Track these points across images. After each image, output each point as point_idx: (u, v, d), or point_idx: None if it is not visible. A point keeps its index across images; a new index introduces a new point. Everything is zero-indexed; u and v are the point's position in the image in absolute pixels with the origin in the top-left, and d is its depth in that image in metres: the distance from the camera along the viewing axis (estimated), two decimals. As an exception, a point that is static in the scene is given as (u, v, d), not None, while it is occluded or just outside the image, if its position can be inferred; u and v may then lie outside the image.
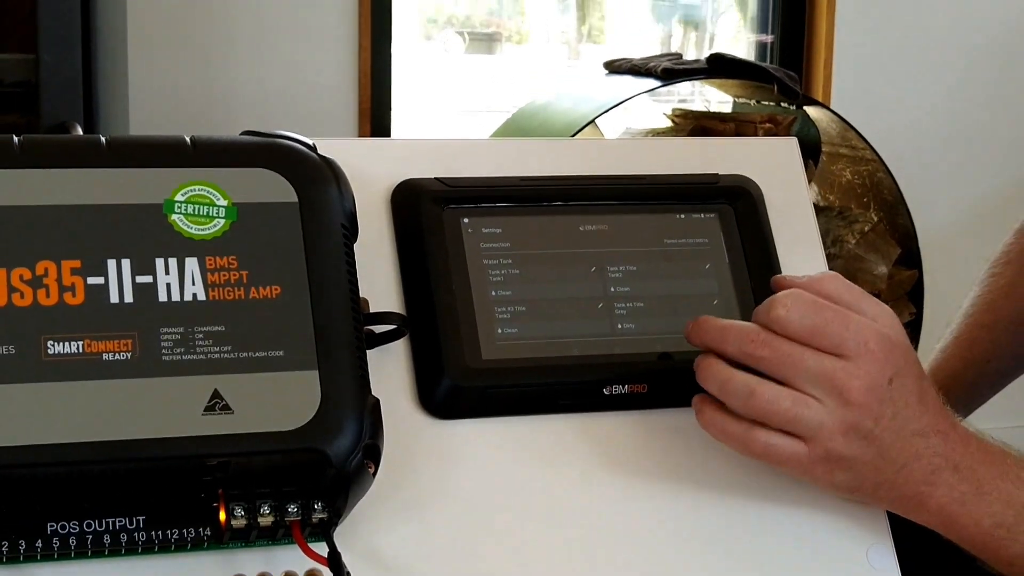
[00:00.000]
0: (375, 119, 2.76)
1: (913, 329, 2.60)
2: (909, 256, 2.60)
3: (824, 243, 0.93)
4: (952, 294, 3.22)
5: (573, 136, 2.26)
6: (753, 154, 0.90)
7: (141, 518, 0.68)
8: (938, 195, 3.06)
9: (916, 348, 2.18)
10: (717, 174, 0.88)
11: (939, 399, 0.79)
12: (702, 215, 0.87)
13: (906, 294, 2.60)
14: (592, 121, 2.33)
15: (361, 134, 2.72)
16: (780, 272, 0.86)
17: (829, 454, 0.76)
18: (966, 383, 1.20)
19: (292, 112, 2.65)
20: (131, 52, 2.31)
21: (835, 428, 0.75)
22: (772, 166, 0.90)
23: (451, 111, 3.61)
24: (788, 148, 0.92)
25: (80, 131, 1.82)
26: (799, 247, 0.89)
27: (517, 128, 2.59)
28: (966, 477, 0.77)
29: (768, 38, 3.21)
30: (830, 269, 0.89)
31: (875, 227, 2.56)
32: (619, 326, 0.83)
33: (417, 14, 3.55)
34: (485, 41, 3.66)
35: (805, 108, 2.57)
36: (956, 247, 3.07)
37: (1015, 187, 3.11)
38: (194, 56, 2.60)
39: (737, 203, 0.88)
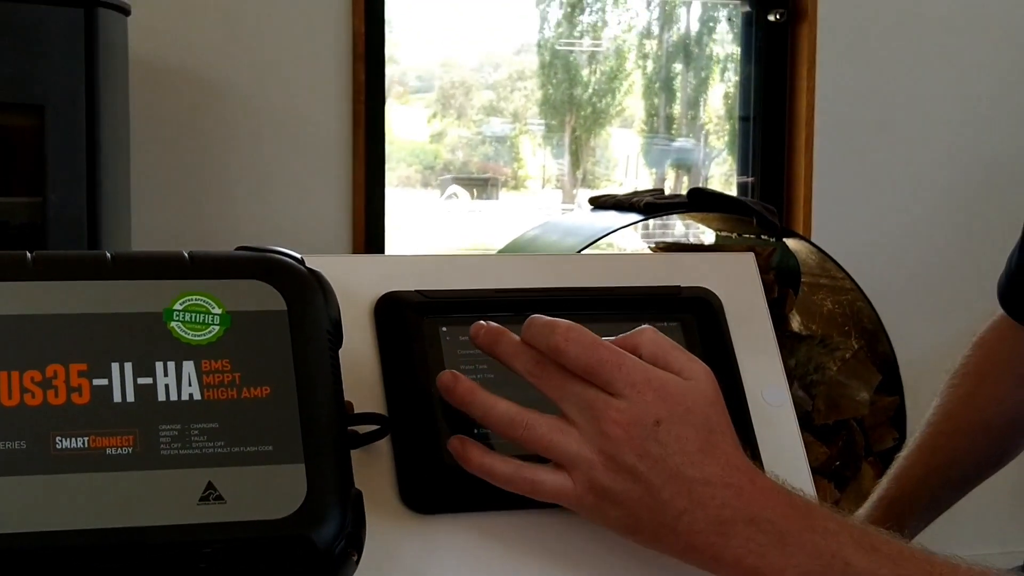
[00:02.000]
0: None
1: (896, 453, 2.64)
2: (890, 382, 2.66)
3: (806, 370, 0.99)
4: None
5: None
6: (713, 268, 0.97)
7: (140, 602, 0.73)
8: (917, 322, 3.13)
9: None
10: (679, 286, 0.95)
11: (740, 455, 0.78)
12: (666, 324, 0.93)
13: (888, 419, 2.65)
14: (578, 253, 2.41)
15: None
16: (741, 378, 0.92)
17: (593, 485, 0.76)
18: (930, 489, 1.25)
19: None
20: (134, 194, 2.40)
21: (594, 458, 0.76)
22: (731, 279, 0.97)
23: (447, 253, 3.69)
24: (746, 262, 0.98)
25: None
26: (758, 355, 0.95)
27: (506, 260, 2.66)
28: (765, 529, 0.75)
29: (749, 179, 3.32)
30: (813, 395, 0.94)
31: (856, 354, 2.62)
32: (588, 426, 0.88)
33: (415, 161, 3.66)
34: (481, 186, 3.76)
35: (785, 240, 2.65)
36: (936, 373, 3.12)
37: (991, 315, 3.18)
38: (194, 198, 2.70)
39: (699, 313, 0.94)
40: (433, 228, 3.65)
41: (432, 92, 3.67)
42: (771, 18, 3.17)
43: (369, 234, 2.85)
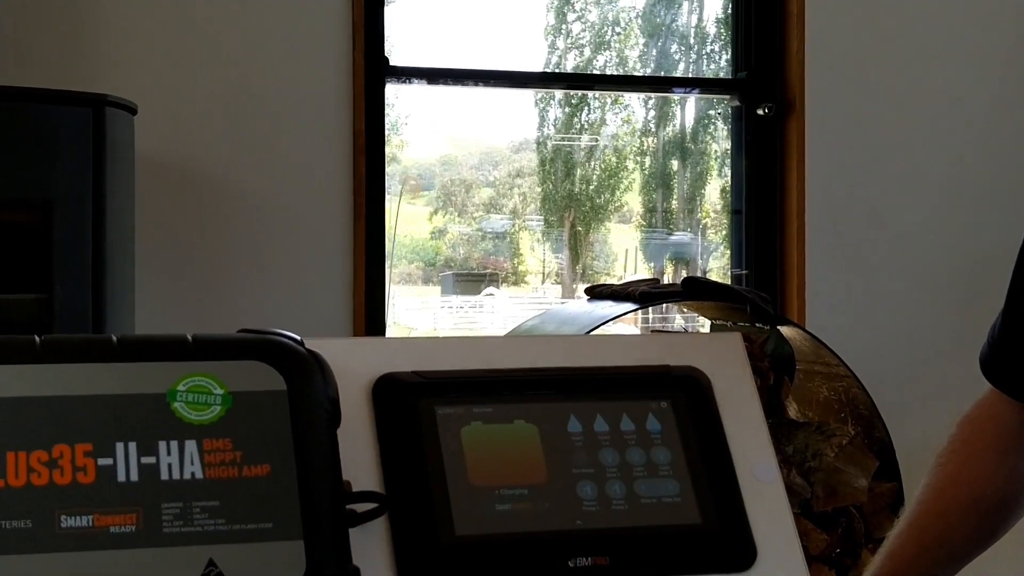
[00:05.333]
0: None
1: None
2: (888, 468, 2.66)
3: (804, 457, 1.01)
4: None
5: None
6: (701, 347, 1.00)
7: None
8: (912, 408, 3.14)
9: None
10: (669, 365, 0.97)
11: None
12: (657, 403, 0.96)
13: (888, 506, 2.65)
14: (575, 344, 2.43)
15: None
16: (731, 455, 0.94)
17: None
18: (921, 568, 1.25)
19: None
20: (138, 287, 2.43)
21: None
22: (718, 358, 0.99)
23: (442, 335, 3.72)
24: (733, 342, 1.01)
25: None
26: (746, 431, 0.97)
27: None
28: None
29: (743, 272, 3.35)
30: (811, 482, 0.96)
31: (853, 440, 2.63)
32: (582, 503, 0.90)
33: (415, 258, 3.71)
34: (482, 281, 3.78)
35: (779, 328, 2.67)
36: (933, 458, 3.13)
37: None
38: (197, 291, 2.73)
39: (688, 392, 0.96)
40: (435, 323, 3.68)
41: (433, 190, 3.72)
42: (760, 112, 3.22)
43: (369, 328, 2.87)
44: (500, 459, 0.91)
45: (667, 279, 3.71)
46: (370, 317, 2.88)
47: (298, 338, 0.85)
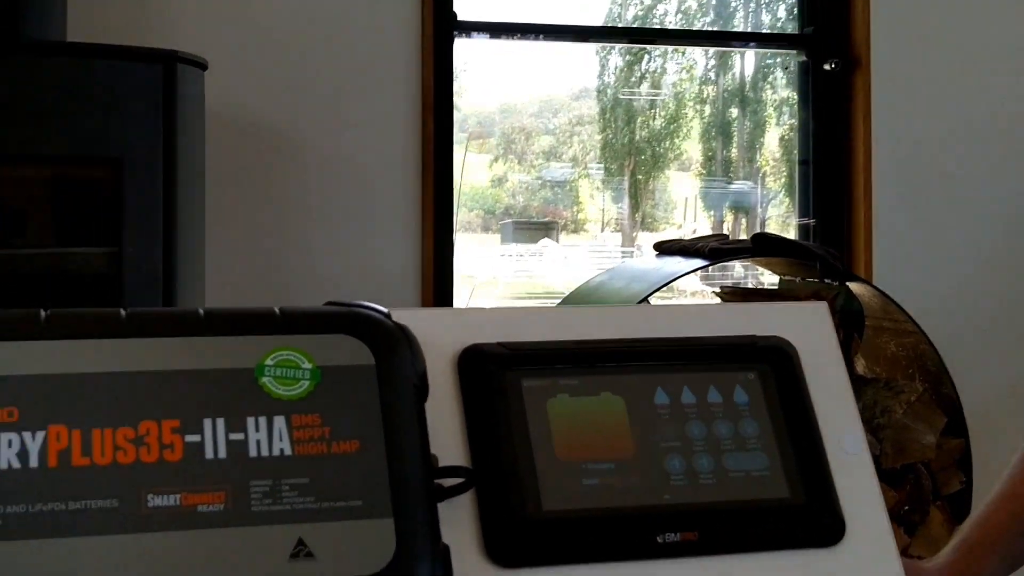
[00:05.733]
0: (438, 304, 2.86)
1: (964, 497, 2.61)
2: (955, 425, 2.63)
3: (872, 413, 0.99)
4: (1000, 461, 3.23)
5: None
6: (787, 317, 0.97)
7: (231, 660, 0.74)
8: (979, 364, 3.10)
9: (967, 516, 2.20)
10: (755, 335, 0.95)
11: None
12: (744, 374, 0.94)
13: (955, 462, 2.62)
14: (645, 299, 2.41)
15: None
16: (818, 427, 0.92)
17: None
18: (1012, 535, 1.24)
19: (359, 299, 2.75)
20: (209, 245, 2.43)
21: None
22: (805, 328, 0.97)
23: (511, 297, 3.72)
24: (819, 311, 0.99)
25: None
26: (834, 402, 0.95)
27: (575, 304, 2.67)
28: None
29: (810, 221, 3.31)
30: (880, 439, 0.94)
31: (921, 397, 2.60)
32: (670, 477, 0.89)
33: (475, 206, 3.69)
34: (542, 230, 3.77)
35: (848, 284, 2.64)
36: (1001, 415, 3.10)
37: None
38: (266, 246, 2.73)
39: (776, 363, 0.94)
40: (495, 272, 3.67)
41: (493, 138, 3.69)
42: (826, 67, 3.17)
43: (437, 279, 2.87)
44: (587, 432, 0.89)
45: (727, 227, 3.68)
46: (438, 269, 2.87)
47: (385, 311, 0.84)
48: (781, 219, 3.69)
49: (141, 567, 0.71)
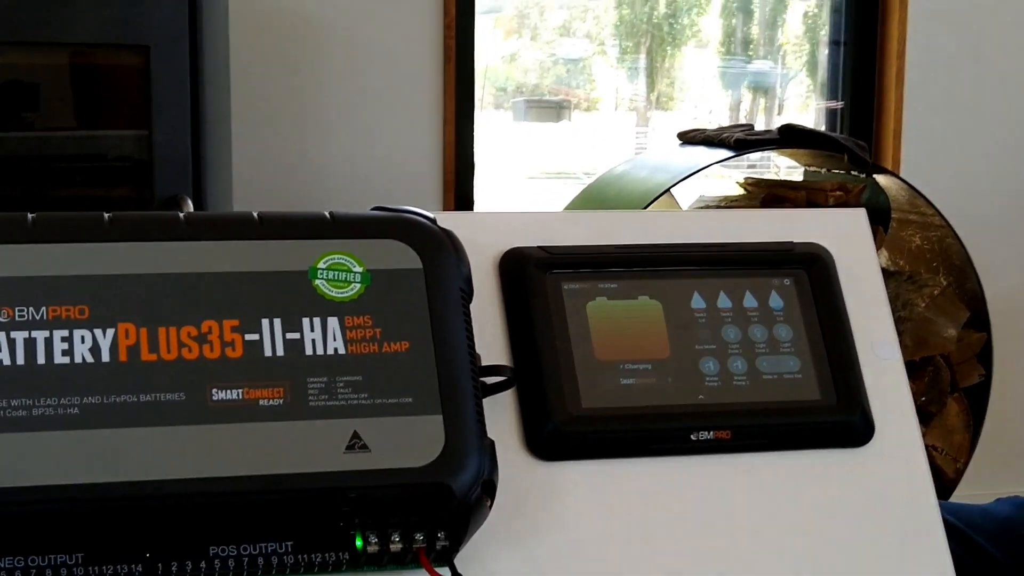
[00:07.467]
0: (458, 188, 2.88)
1: (982, 390, 2.65)
2: (978, 319, 2.66)
3: (894, 307, 1.01)
4: (1021, 356, 3.27)
5: (649, 204, 2.36)
6: (824, 224, 1.00)
7: (289, 543, 0.78)
8: (1006, 259, 3.12)
9: (986, 408, 2.27)
10: (792, 242, 0.97)
11: None
12: (780, 280, 0.96)
13: (975, 356, 2.66)
14: (668, 190, 2.43)
15: (445, 202, 2.84)
16: (852, 332, 0.95)
17: None
18: None
19: (381, 183, 2.78)
20: (235, 130, 2.46)
21: None
22: (842, 235, 0.99)
23: (524, 177, 3.70)
24: (857, 218, 1.01)
25: (191, 205, 1.95)
26: (869, 309, 0.98)
27: (597, 194, 2.69)
28: None
29: (838, 104, 3.29)
30: (900, 331, 0.97)
31: (944, 291, 2.62)
32: (705, 378, 0.92)
33: (486, 83, 3.64)
34: (554, 109, 3.74)
35: (874, 176, 2.65)
36: (1024, 310, 3.12)
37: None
38: (291, 130, 2.75)
39: (811, 269, 0.97)
40: (509, 152, 3.63)
41: (504, 12, 3.63)
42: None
43: (459, 162, 2.89)
44: (625, 334, 0.92)
45: (743, 108, 3.65)
46: (460, 153, 2.89)
47: (431, 216, 0.86)
48: (801, 99, 3.65)
49: (208, 457, 0.75)
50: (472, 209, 2.88)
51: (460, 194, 2.86)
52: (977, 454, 2.69)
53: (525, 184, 3.66)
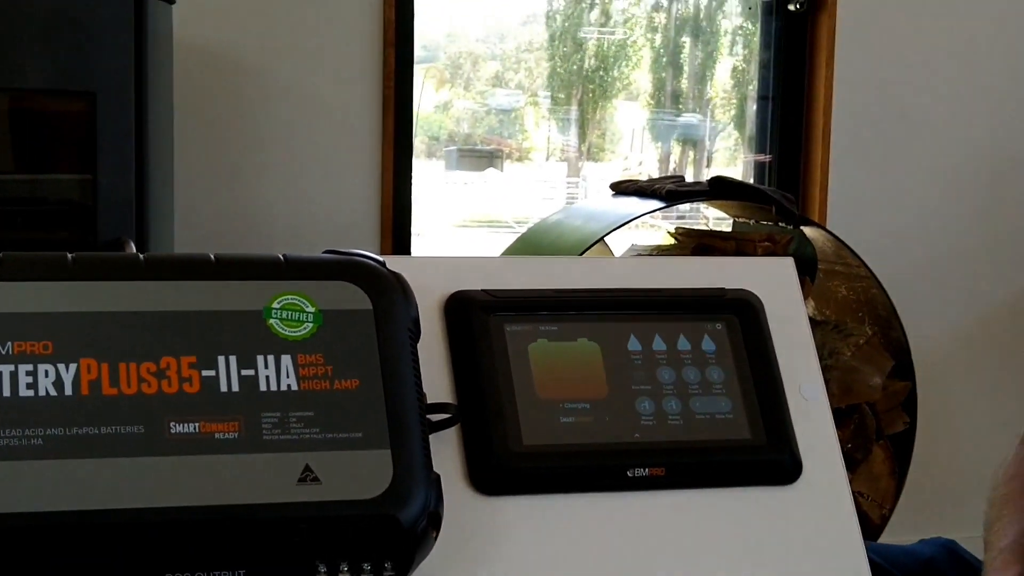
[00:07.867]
0: (396, 234, 2.92)
1: (907, 437, 2.72)
2: (902, 368, 2.73)
3: (821, 355, 1.06)
4: (944, 404, 3.34)
5: (583, 252, 2.41)
6: (755, 272, 1.05)
7: (242, 571, 0.81)
8: (930, 310, 3.20)
9: (911, 456, 2.30)
10: (724, 288, 1.02)
11: None
12: (712, 324, 1.01)
13: (900, 404, 2.73)
14: (602, 238, 2.48)
15: (383, 248, 2.87)
16: (780, 375, 1.00)
17: None
18: None
19: (321, 228, 2.81)
20: (178, 175, 2.48)
21: None
22: (771, 282, 1.04)
23: (455, 224, 3.72)
24: (786, 266, 1.06)
25: (133, 247, 1.97)
26: (796, 353, 1.03)
27: (533, 241, 2.74)
28: None
29: (766, 158, 3.37)
30: (827, 379, 1.02)
31: (870, 340, 2.69)
32: (640, 418, 0.96)
33: (419, 132, 3.67)
34: (486, 158, 3.78)
35: (802, 228, 2.72)
36: (947, 359, 3.21)
37: (1003, 304, 3.26)
38: (233, 177, 2.78)
39: (742, 314, 1.02)
40: (440, 200, 3.65)
41: (437, 62, 3.65)
42: (791, 7, 3.23)
43: (396, 208, 2.93)
44: (565, 375, 0.97)
45: (673, 160, 3.70)
46: (397, 199, 2.93)
47: (381, 259, 0.90)
48: (729, 151, 3.72)
49: (166, 487, 0.78)
50: (409, 254, 2.92)
51: (397, 239, 2.90)
52: (902, 500, 2.76)
53: (456, 232, 3.69)
